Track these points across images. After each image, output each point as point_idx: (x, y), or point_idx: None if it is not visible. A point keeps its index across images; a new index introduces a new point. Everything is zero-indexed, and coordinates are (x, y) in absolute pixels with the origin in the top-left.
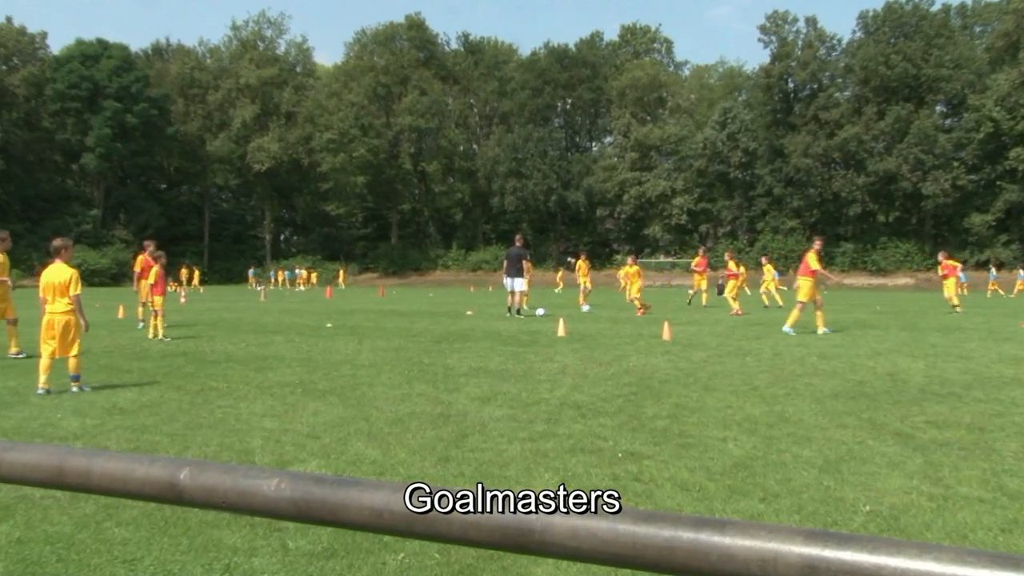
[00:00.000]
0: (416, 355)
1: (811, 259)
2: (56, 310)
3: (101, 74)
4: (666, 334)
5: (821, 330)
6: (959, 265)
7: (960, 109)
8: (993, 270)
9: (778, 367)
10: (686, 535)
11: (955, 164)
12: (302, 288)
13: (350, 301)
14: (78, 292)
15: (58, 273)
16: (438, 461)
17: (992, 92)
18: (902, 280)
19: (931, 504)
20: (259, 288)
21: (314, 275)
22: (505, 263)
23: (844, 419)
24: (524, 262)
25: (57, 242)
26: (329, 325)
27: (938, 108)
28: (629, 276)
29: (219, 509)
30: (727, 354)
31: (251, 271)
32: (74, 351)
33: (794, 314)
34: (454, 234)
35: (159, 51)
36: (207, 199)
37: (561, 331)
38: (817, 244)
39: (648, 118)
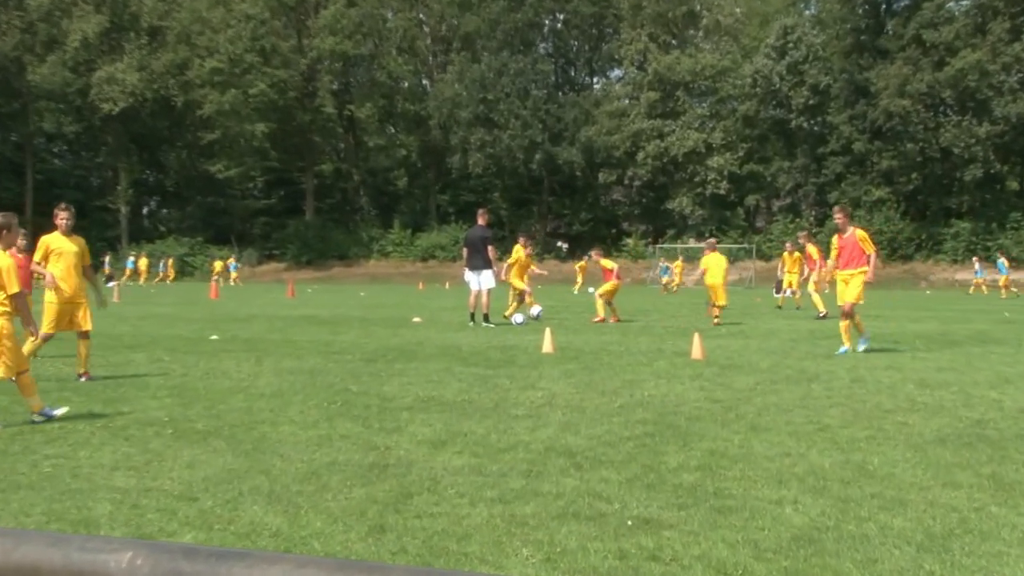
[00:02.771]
0: (340, 380)
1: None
2: None
3: None
4: (697, 351)
5: (845, 348)
6: None
7: None
8: None
9: (858, 399)
10: None
11: None
12: (169, 284)
13: (245, 303)
14: (17, 290)
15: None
16: (370, 532)
17: None
18: None
19: None
20: (111, 284)
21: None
22: (465, 251)
23: (955, 475)
24: (490, 248)
25: None
26: (214, 337)
27: None
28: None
29: None
30: (784, 379)
31: (107, 260)
32: None
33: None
34: (396, 208)
35: None
36: (29, 153)
37: (547, 346)
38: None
39: (674, 42)
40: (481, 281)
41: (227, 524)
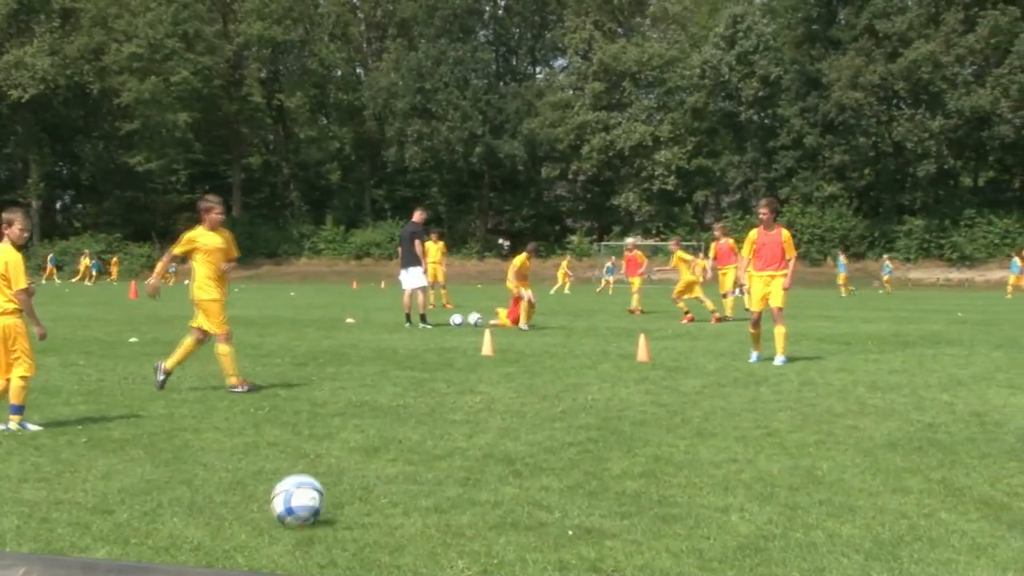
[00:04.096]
0: (268, 385)
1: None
2: None
3: None
4: (642, 353)
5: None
6: None
7: None
8: None
9: (808, 403)
10: None
11: None
12: (88, 283)
13: (167, 303)
14: (24, 285)
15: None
16: (297, 544)
17: None
18: (997, 274)
19: None
20: (57, 281)
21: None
22: (399, 248)
23: (905, 480)
24: (417, 243)
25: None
26: (133, 340)
27: None
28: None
29: None
30: (732, 383)
31: (51, 257)
32: (20, 371)
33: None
34: (329, 203)
35: None
36: None
37: (487, 348)
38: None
39: (620, 31)
40: (411, 279)
41: (144, 538)
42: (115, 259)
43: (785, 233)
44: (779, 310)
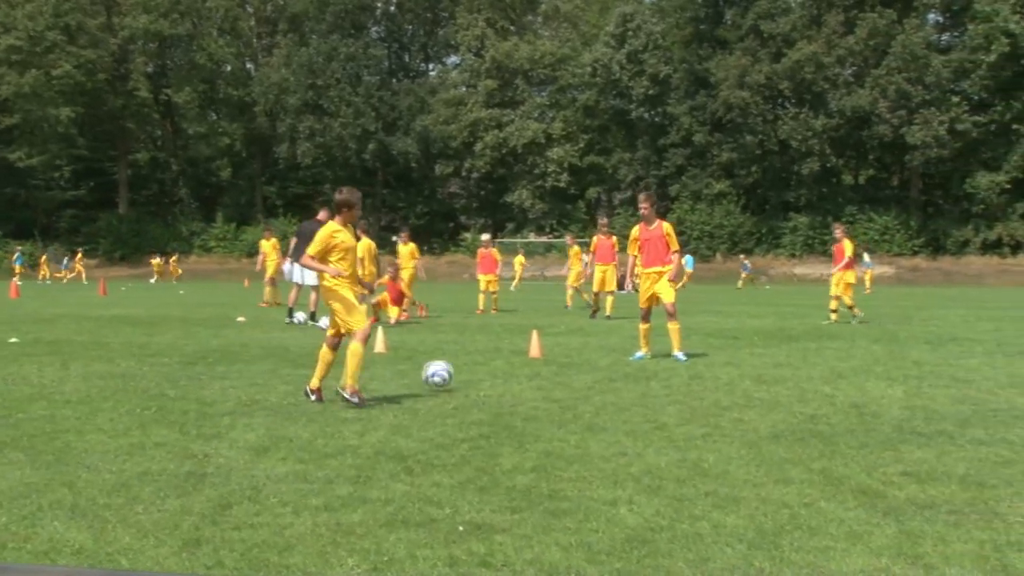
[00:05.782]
0: (156, 385)
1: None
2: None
3: None
4: (535, 349)
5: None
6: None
7: (962, 18)
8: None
9: (696, 396)
10: None
11: (954, 100)
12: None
13: (50, 301)
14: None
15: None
16: (184, 546)
17: None
18: (877, 269)
19: None
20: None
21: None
22: (293, 241)
23: (788, 471)
24: None
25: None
26: (13, 340)
27: (931, 17)
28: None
29: None
30: (623, 377)
31: (17, 256)
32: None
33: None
34: (219, 200)
35: None
36: None
37: (380, 346)
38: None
39: (512, 28)
40: (305, 275)
41: (23, 542)
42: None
43: (666, 226)
44: (672, 305)
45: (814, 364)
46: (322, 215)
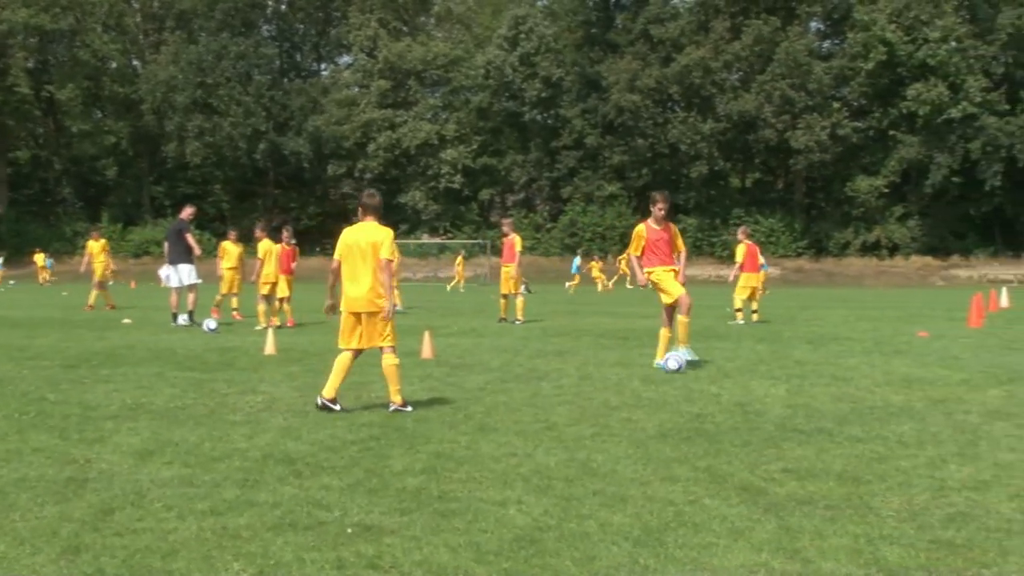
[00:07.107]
0: (35, 388)
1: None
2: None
3: None
4: (427, 350)
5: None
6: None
7: (842, 26)
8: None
9: (586, 396)
10: None
11: (835, 106)
12: None
13: None
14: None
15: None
16: (63, 553)
17: (885, 3)
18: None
19: None
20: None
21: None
22: (166, 245)
23: (673, 469)
24: (189, 237)
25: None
26: None
27: (813, 25)
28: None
29: None
30: (514, 378)
31: None
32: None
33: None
34: (104, 200)
35: None
36: None
37: (270, 347)
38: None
39: (405, 29)
40: (180, 276)
41: None
42: None
43: (674, 227)
44: (686, 296)
45: (700, 364)
46: (185, 213)
